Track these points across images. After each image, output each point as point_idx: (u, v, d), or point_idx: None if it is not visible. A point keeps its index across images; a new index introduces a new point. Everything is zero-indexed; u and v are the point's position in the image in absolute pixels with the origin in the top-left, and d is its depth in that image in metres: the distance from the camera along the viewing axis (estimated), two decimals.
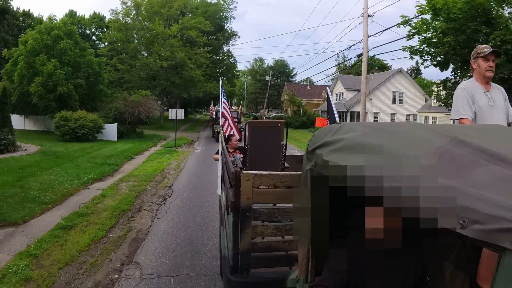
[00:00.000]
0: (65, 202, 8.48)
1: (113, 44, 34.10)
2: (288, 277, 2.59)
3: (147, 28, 31.99)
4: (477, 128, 1.89)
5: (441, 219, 0.97)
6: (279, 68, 61.77)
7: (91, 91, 24.14)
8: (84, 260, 5.54)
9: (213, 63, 39.52)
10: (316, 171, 1.77)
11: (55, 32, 22.31)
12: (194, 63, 30.64)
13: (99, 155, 15.03)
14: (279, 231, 2.64)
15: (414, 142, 1.33)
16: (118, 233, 6.67)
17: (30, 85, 20.89)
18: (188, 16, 34.74)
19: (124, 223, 7.22)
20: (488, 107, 3.15)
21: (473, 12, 8.15)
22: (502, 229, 0.84)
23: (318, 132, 1.94)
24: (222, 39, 40.76)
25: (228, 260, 2.85)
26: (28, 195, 8.64)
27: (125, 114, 22.09)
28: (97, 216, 7.49)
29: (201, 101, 49.36)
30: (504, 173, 0.97)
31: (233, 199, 2.58)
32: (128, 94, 25.93)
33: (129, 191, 9.59)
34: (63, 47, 22.01)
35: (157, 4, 31.95)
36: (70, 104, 21.35)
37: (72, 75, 22.06)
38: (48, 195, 8.78)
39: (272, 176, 2.55)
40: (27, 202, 8.13)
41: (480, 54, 3.18)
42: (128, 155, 15.57)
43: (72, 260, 5.50)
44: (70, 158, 14.01)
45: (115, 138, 20.84)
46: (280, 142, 4.65)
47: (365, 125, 1.69)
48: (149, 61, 29.44)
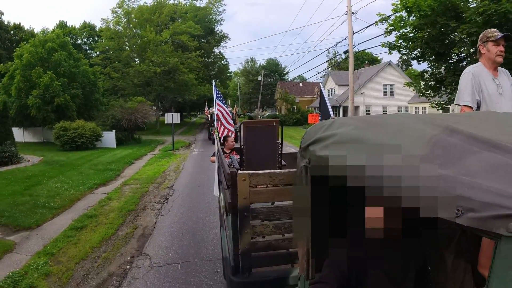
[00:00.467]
0: (73, 207, 9.01)
1: (105, 53, 34.56)
2: (290, 275, 2.60)
3: (138, 35, 32.50)
4: (469, 116, 1.91)
5: (437, 208, 0.98)
6: (271, 67, 62.48)
7: (88, 101, 24.64)
8: (98, 255, 6.09)
9: (205, 66, 40.09)
10: (310, 167, 1.78)
11: (49, 44, 22.79)
12: (186, 68, 31.25)
13: (100, 162, 15.55)
14: (279, 229, 2.65)
15: (407, 133, 1.34)
16: (126, 230, 7.22)
17: (28, 97, 21.36)
18: (178, 22, 35.28)
19: (131, 221, 7.77)
20: (497, 95, 3.04)
21: (442, 8, 8.79)
22: (497, 215, 0.84)
23: (310, 128, 1.95)
24: (213, 42, 41.43)
25: (229, 261, 2.85)
26: (37, 202, 9.16)
27: (122, 121, 22.62)
28: (105, 216, 8.03)
29: (196, 104, 49.91)
30: (498, 159, 0.97)
31: (230, 200, 2.59)
32: (124, 101, 26.48)
33: (133, 193, 10.14)
34: (57, 59, 22.50)
35: (147, 11, 32.50)
36: (68, 114, 21.84)
37: (68, 85, 22.55)
38: (56, 201, 9.31)
39: (268, 175, 2.56)
40: (38, 208, 8.65)
41: (490, 38, 3.04)
42: (128, 160, 16.11)
43: (86, 256, 6.05)
44: (72, 166, 14.51)
45: (114, 145, 21.36)
46: (276, 141, 4.69)
47: (356, 119, 1.72)
48: (142, 68, 30.02)
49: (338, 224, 1.75)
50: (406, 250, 1.74)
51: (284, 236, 2.75)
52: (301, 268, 2.07)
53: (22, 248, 6.54)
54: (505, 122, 1.43)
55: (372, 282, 1.70)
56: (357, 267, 1.72)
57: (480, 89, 3.04)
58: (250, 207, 2.54)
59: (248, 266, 2.59)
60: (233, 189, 2.51)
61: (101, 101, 26.22)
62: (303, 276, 2.03)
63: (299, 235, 2.03)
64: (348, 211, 1.75)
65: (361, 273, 1.72)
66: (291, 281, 2.56)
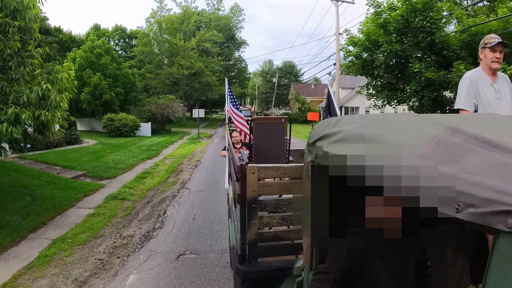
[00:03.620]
0: (133, 169, 13.41)
1: (140, 56, 39.55)
2: (295, 265, 2.67)
3: (167, 40, 37.28)
4: (471, 116, 1.99)
5: (439, 206, 1.01)
6: (287, 69, 66.78)
7: (127, 97, 29.39)
8: (158, 188, 10.39)
9: (226, 69, 44.70)
10: (317, 162, 1.81)
11: (97, 50, 27.55)
12: (210, 70, 35.99)
13: (142, 145, 20.06)
14: (285, 221, 2.70)
15: (410, 131, 1.37)
16: (172, 179, 11.53)
17: (81, 94, 26.16)
18: (203, 30, 39.99)
19: (174, 176, 12.10)
20: (494, 99, 3.06)
21: (368, 44, 13.53)
22: (496, 211, 0.87)
23: (318, 125, 1.98)
24: (233, 47, 46.04)
25: (236, 250, 2.93)
26: (108, 166, 13.57)
27: (157, 114, 27.26)
28: (157, 173, 12.39)
29: (217, 102, 54.79)
30: (498, 158, 1.00)
31: (240, 191, 2.64)
32: (157, 98, 31.18)
33: (172, 163, 14.51)
34: (104, 63, 27.23)
35: (176, 20, 37.24)
36: (113, 108, 26.56)
37: (113, 84, 27.27)
38: (120, 166, 13.71)
39: (277, 168, 2.60)
40: (109, 169, 13.04)
41: (487, 44, 3.08)
42: (164, 144, 20.61)
43: (151, 189, 10.36)
44: (122, 147, 19.04)
45: (149, 134, 25.96)
46: (284, 137, 4.76)
47: (362, 117, 1.76)
48: (172, 70, 34.77)
49: (340, 217, 1.84)
50: (407, 247, 1.79)
51: (290, 227, 2.82)
52: (305, 259, 2.14)
53: (109, 186, 10.86)
54: (506, 124, 1.47)
55: (373, 273, 1.76)
56: (359, 262, 1.77)
57: (477, 93, 3.07)
58: (258, 199, 2.60)
59: (254, 256, 2.68)
60: (242, 181, 2.59)
61: (138, 97, 31.01)
62: (307, 266, 2.09)
63: (304, 227, 2.09)
64: (349, 204, 1.82)
65: (363, 265, 1.77)
66: (295, 271, 2.63)
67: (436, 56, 12.32)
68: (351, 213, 1.84)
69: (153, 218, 7.56)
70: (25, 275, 5.11)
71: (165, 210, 8.11)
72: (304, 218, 2.08)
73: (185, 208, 8.24)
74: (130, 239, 6.41)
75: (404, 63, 12.65)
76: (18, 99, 5.89)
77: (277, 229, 2.81)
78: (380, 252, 1.75)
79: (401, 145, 1.28)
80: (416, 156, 1.16)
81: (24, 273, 5.18)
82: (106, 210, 8.06)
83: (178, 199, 9.12)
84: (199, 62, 34.62)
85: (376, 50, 12.82)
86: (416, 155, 1.17)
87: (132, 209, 8.28)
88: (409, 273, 1.79)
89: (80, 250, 5.93)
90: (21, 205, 7.98)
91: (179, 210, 8.14)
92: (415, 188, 1.08)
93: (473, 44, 11.31)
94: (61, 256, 5.70)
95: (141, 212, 8.03)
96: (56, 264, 5.43)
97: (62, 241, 6.31)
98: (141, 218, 7.63)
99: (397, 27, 12.22)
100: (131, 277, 5.00)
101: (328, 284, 1.69)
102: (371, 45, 12.94)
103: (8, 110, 5.51)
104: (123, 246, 6.12)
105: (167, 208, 8.32)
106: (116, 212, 7.99)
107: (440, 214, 1.01)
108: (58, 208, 8.09)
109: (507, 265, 0.85)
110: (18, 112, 5.58)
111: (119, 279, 4.98)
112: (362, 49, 13.40)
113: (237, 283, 2.97)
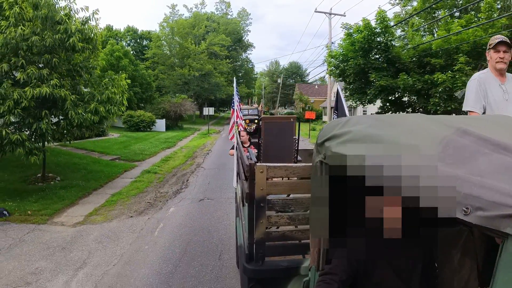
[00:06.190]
0: (157, 155, 16.33)
1: (153, 58, 42.70)
2: (301, 265, 2.65)
3: (180, 44, 40.34)
4: (481, 118, 1.92)
5: (444, 207, 1.00)
6: (292, 69, 69.52)
7: (143, 96, 32.43)
8: (179, 167, 13.26)
9: (234, 70, 47.68)
10: (325, 162, 1.82)
11: (117, 53, 30.59)
12: (218, 72, 38.99)
13: (160, 138, 23.02)
14: (293, 221, 2.68)
15: (419, 132, 1.36)
16: (190, 162, 14.41)
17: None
18: (213, 34, 43.04)
19: (191, 160, 14.99)
20: (502, 101, 2.98)
21: (343, 57, 16.62)
22: (505, 215, 0.86)
23: (327, 125, 1.99)
24: (240, 50, 49.03)
25: (244, 249, 2.95)
26: (136, 152, 16.48)
27: (170, 112, 30.26)
28: (177, 158, 15.30)
29: (225, 101, 57.93)
30: (507, 161, 0.99)
31: (248, 190, 2.65)
32: (170, 97, 34.22)
33: (188, 151, 17.42)
34: (123, 64, 30.25)
35: (187, 25, 40.29)
36: (131, 106, 29.57)
37: (131, 84, 30.31)
38: (146, 153, 16.62)
39: (285, 168, 2.59)
40: (137, 155, 15.94)
41: (491, 45, 3.02)
42: (178, 137, 23.57)
43: (174, 167, 13.24)
44: (143, 139, 22.00)
45: (164, 129, 28.93)
46: (293, 137, 4.75)
47: (371, 118, 1.76)
48: (184, 71, 37.82)
49: (348, 217, 1.77)
50: (414, 248, 1.76)
51: (297, 227, 2.81)
52: (312, 259, 2.15)
53: (141, 166, 13.72)
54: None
55: (379, 275, 1.74)
56: (365, 262, 1.75)
57: (485, 95, 3.02)
58: (267, 198, 2.59)
59: (261, 255, 2.68)
60: (251, 180, 2.58)
61: (153, 96, 34.06)
62: (314, 266, 2.09)
63: (314, 226, 2.05)
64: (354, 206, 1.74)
65: (369, 266, 1.75)
66: (302, 271, 2.62)
67: (392, 68, 15.56)
68: (355, 214, 1.77)
69: (180, 183, 10.45)
70: (101, 209, 8.00)
71: (187, 179, 11.00)
72: (312, 218, 2.13)
73: (202, 178, 11.12)
74: (166, 193, 9.29)
75: (366, 73, 15.91)
76: (93, 98, 8.84)
77: (284, 229, 2.80)
78: (386, 253, 1.74)
79: (410, 146, 1.28)
80: (425, 158, 1.16)
81: (100, 208, 8.07)
82: (144, 179, 10.96)
83: (196, 173, 12.01)
84: (209, 64, 37.67)
85: (347, 62, 15.84)
86: (425, 156, 1.17)
87: (163, 178, 11.18)
88: (416, 274, 1.78)
89: (133, 198, 8.83)
90: (80, 175, 10.91)
91: (198, 179, 11.02)
92: (421, 191, 1.08)
93: (420, 58, 14.62)
94: (122, 201, 8.59)
95: (170, 180, 10.93)
96: (120, 204, 8.32)
97: (119, 194, 9.21)
98: (171, 183, 10.52)
99: (361, 46, 15.41)
100: (171, 209, 7.88)
101: (334, 285, 1.67)
102: (345, 58, 16.01)
103: (91, 105, 8.47)
104: (162, 196, 9.02)
105: (189, 178, 11.21)
106: (152, 180, 10.89)
107: (444, 216, 1.01)
108: (109, 177, 11.01)
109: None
110: (97, 107, 8.53)
111: (163, 210, 7.85)
112: (339, 61, 16.51)
113: (244, 282, 2.99)
